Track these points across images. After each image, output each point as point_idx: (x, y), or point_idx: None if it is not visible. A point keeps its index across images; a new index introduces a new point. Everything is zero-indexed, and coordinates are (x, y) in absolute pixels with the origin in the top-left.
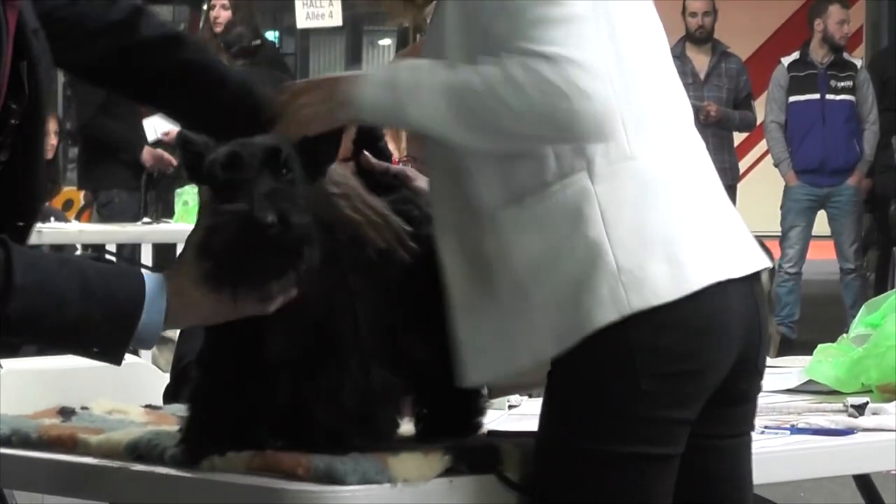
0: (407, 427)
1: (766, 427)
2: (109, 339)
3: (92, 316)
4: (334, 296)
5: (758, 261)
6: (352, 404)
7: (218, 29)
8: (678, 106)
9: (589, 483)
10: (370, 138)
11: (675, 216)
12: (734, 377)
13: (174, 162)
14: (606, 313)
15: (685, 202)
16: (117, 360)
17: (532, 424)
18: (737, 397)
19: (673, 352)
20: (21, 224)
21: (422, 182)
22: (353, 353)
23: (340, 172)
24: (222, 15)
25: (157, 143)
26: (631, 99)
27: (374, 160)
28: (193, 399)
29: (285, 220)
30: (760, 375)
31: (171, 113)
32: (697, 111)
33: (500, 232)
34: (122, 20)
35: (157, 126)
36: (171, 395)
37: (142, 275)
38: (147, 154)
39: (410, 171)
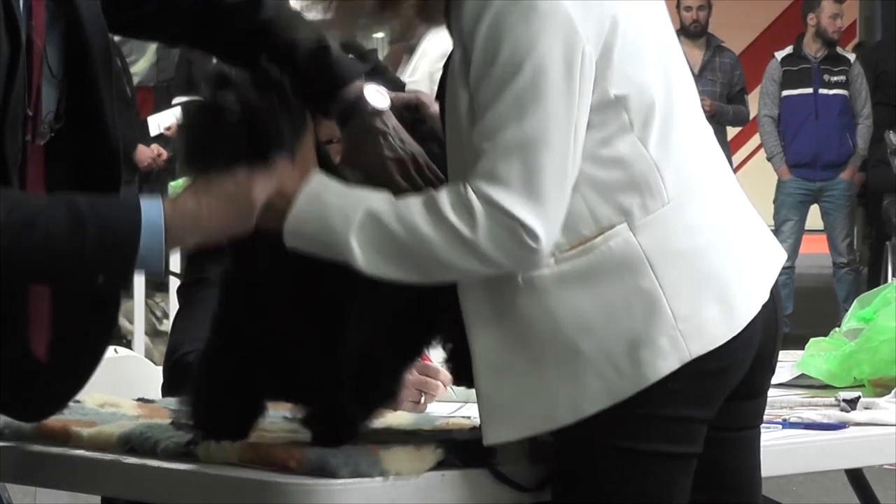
0: (404, 419)
1: None
2: (112, 268)
3: (86, 246)
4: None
5: (779, 259)
6: (346, 369)
7: None
8: (695, 108)
9: (610, 480)
10: (375, 71)
11: (718, 251)
12: (751, 372)
13: (165, 154)
14: (668, 363)
15: (723, 230)
16: (125, 287)
17: None
18: (751, 391)
19: (709, 357)
20: (116, 191)
21: (436, 107)
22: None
23: (401, 136)
24: None
25: (159, 137)
26: (665, 138)
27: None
28: (203, 360)
29: (246, 104)
30: (773, 370)
31: None
32: None
33: (541, 291)
34: None
35: (160, 121)
36: (166, 388)
37: (137, 200)
38: (141, 153)
39: (423, 95)
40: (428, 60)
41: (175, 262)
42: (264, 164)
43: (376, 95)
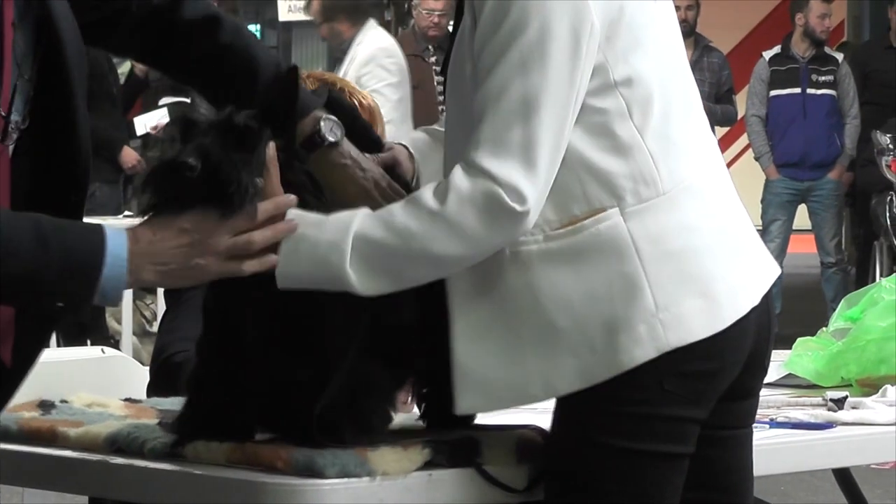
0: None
1: None
2: (71, 294)
3: (48, 268)
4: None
5: (772, 272)
6: (338, 396)
7: None
8: (698, 112)
9: (605, 479)
10: (357, 130)
11: (709, 248)
12: (743, 373)
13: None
14: (644, 351)
15: (716, 229)
16: (84, 314)
17: (513, 418)
18: (743, 392)
19: (695, 352)
20: (74, 199)
21: (407, 166)
22: (341, 345)
23: (361, 165)
24: None
25: (146, 136)
26: (664, 133)
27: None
28: (189, 385)
29: (209, 163)
30: (765, 371)
31: (208, 99)
32: None
33: (526, 264)
34: (165, 4)
35: (146, 121)
36: (152, 389)
37: (102, 228)
38: (126, 155)
39: (400, 154)
40: (356, 65)
41: None
42: (223, 214)
43: (330, 128)
